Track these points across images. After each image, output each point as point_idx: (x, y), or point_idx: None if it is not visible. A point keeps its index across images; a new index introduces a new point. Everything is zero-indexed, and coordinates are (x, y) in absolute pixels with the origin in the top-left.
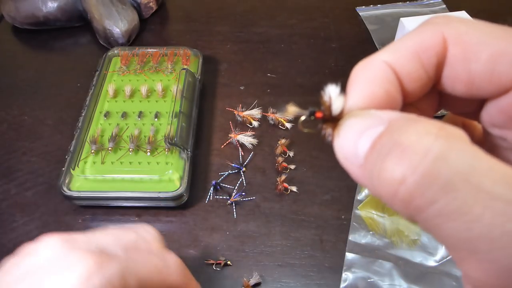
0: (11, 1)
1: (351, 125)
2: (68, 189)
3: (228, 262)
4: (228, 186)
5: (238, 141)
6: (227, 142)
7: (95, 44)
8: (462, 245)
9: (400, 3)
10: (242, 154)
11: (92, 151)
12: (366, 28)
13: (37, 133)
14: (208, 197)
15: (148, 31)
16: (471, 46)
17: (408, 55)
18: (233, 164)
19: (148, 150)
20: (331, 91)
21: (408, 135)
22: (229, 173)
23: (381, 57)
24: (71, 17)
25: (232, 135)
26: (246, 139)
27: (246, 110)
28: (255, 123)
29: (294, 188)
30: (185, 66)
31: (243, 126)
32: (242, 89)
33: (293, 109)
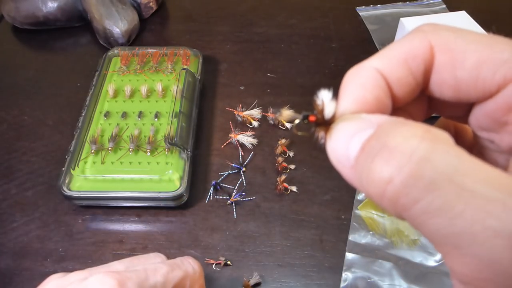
0: (11, 1)
1: (343, 129)
2: (68, 189)
3: (228, 262)
4: (228, 186)
5: (238, 141)
6: (227, 142)
7: (95, 44)
8: (446, 240)
9: (400, 3)
10: (242, 154)
11: (92, 151)
12: (366, 28)
13: (37, 133)
14: (208, 197)
15: (148, 31)
16: (457, 54)
17: (397, 62)
18: (233, 164)
19: (148, 150)
20: (324, 96)
21: (395, 138)
22: (229, 173)
23: (372, 64)
24: (71, 17)
25: (232, 135)
26: (246, 139)
27: (246, 110)
28: (255, 123)
29: (294, 188)
30: (185, 66)
31: (243, 126)
32: (242, 89)
33: (287, 113)
